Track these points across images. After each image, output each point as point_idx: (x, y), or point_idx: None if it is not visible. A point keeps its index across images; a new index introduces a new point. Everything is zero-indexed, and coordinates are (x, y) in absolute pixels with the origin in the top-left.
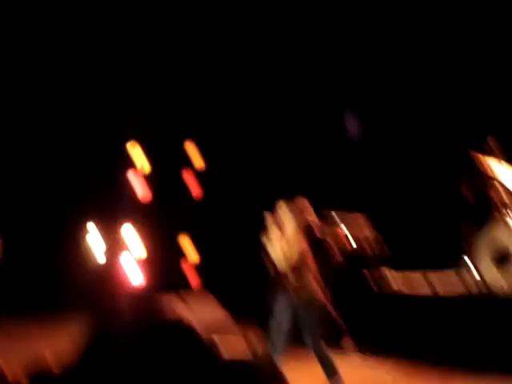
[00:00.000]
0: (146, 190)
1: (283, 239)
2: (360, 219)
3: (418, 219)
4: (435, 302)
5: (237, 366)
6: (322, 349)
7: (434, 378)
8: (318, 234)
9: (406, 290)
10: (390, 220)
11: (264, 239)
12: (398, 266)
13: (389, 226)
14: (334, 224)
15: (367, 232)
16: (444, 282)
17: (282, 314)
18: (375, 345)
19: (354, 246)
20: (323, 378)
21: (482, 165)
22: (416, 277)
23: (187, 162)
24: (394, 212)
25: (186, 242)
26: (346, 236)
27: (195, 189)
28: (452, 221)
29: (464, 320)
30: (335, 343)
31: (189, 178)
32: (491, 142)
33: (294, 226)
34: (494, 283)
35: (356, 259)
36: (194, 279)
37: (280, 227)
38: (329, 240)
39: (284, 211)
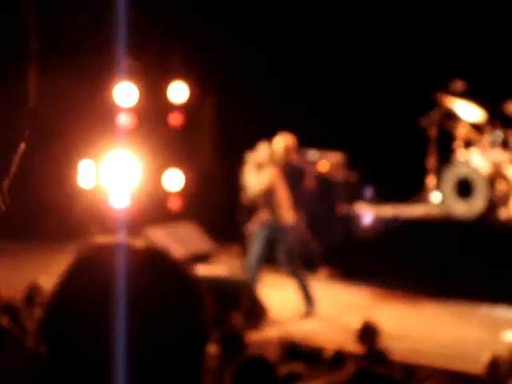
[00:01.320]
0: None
1: (258, 169)
2: (338, 157)
3: (389, 156)
4: (403, 225)
5: (216, 292)
6: (300, 274)
7: (405, 301)
8: (294, 165)
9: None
10: (365, 158)
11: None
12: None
13: (363, 163)
14: (313, 159)
15: (344, 170)
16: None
17: (259, 244)
18: (348, 270)
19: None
20: (299, 301)
21: (447, 104)
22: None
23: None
24: (368, 150)
25: (171, 173)
26: (322, 172)
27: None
28: (419, 156)
29: (430, 243)
30: (310, 268)
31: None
32: (457, 83)
33: (269, 158)
34: (455, 210)
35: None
36: (178, 209)
37: (257, 161)
38: (306, 171)
39: (261, 150)
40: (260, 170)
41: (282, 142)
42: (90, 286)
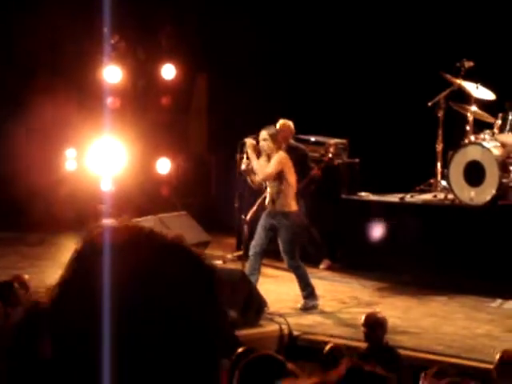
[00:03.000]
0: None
1: (257, 154)
2: (339, 145)
3: (393, 142)
4: (409, 212)
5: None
6: (301, 268)
7: (411, 295)
8: (295, 150)
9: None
10: (369, 146)
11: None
12: (374, 190)
13: (368, 151)
14: (313, 146)
15: (344, 157)
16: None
17: (262, 233)
18: (351, 262)
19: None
20: (299, 295)
21: (456, 83)
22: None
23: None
24: (369, 137)
25: (164, 162)
26: (324, 159)
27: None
28: (425, 141)
29: (438, 231)
30: (311, 260)
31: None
32: (466, 63)
33: (272, 148)
34: (463, 196)
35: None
36: (172, 200)
37: (250, 147)
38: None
39: (264, 137)
40: (260, 155)
41: (280, 126)
42: (98, 272)
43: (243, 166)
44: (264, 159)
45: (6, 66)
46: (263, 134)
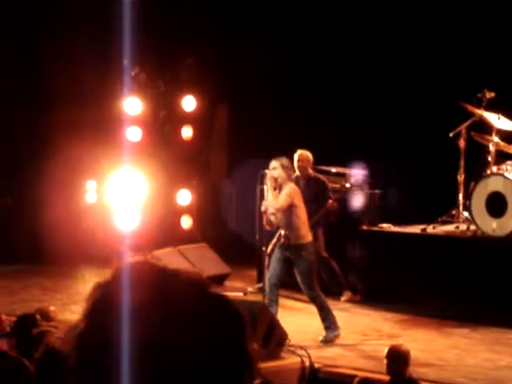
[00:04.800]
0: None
1: (274, 185)
2: (360, 176)
3: (414, 173)
4: (430, 243)
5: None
6: (320, 298)
7: (432, 327)
8: (315, 181)
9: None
10: (388, 176)
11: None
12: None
13: (387, 181)
14: (334, 178)
15: (365, 188)
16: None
17: (277, 265)
18: (371, 293)
19: (353, 200)
20: (321, 327)
21: (478, 114)
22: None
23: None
24: (391, 168)
25: (184, 194)
26: (343, 189)
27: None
28: (447, 172)
29: (459, 263)
30: (332, 291)
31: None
32: (487, 95)
33: (283, 178)
34: (485, 227)
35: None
36: (192, 232)
37: (273, 180)
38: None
39: (274, 166)
40: (276, 187)
41: (299, 156)
42: (116, 323)
43: (263, 208)
44: (273, 190)
45: (25, 100)
46: (273, 163)
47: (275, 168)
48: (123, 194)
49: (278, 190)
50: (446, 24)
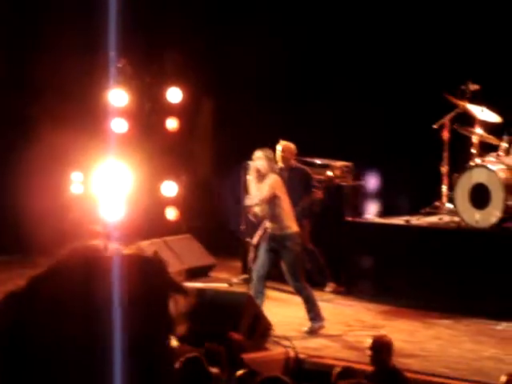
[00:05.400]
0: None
1: (258, 177)
2: (344, 167)
3: (398, 164)
4: (414, 235)
5: (217, 306)
6: (306, 290)
7: (416, 318)
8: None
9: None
10: (372, 168)
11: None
12: (379, 213)
13: (371, 172)
14: (318, 169)
15: (349, 179)
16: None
17: (264, 256)
18: (356, 284)
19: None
20: (305, 318)
21: (462, 106)
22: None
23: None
24: (375, 159)
25: (170, 185)
26: (327, 180)
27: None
28: (431, 163)
29: (443, 254)
30: (316, 283)
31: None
32: (471, 85)
33: (266, 169)
34: (469, 218)
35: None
36: (175, 221)
37: (256, 171)
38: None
39: (258, 157)
40: (260, 178)
41: (282, 147)
42: (63, 289)
43: (247, 202)
44: (257, 180)
45: (10, 90)
46: (257, 153)
47: (259, 158)
48: (109, 185)
49: (262, 180)
50: (429, 15)
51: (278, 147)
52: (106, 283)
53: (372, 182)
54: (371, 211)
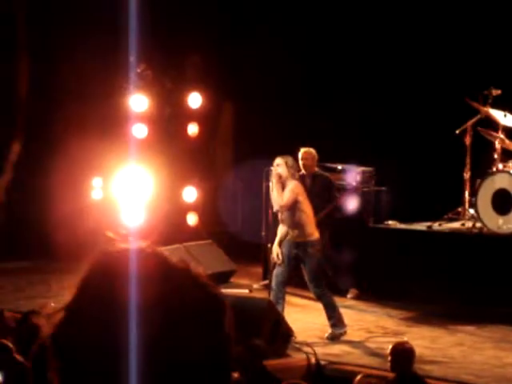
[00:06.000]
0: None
1: (279, 183)
2: (366, 173)
3: (421, 170)
4: (436, 241)
5: (238, 312)
6: (327, 296)
7: (438, 324)
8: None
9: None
10: (394, 173)
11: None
12: (402, 219)
13: (393, 179)
14: (340, 175)
15: (371, 185)
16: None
17: (283, 259)
18: (378, 290)
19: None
20: (326, 324)
21: (484, 111)
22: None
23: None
24: (397, 165)
25: (190, 190)
26: (349, 187)
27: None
28: (453, 169)
29: (466, 260)
30: (338, 289)
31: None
32: (493, 92)
33: (286, 176)
34: (491, 224)
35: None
36: (198, 229)
37: (278, 177)
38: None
39: (278, 163)
40: (281, 184)
41: (303, 154)
42: (104, 296)
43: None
44: (278, 187)
45: (33, 96)
46: (277, 160)
47: (279, 165)
48: (129, 190)
49: (282, 188)
50: (452, 21)
51: (299, 154)
52: (126, 287)
53: (394, 187)
54: (393, 217)
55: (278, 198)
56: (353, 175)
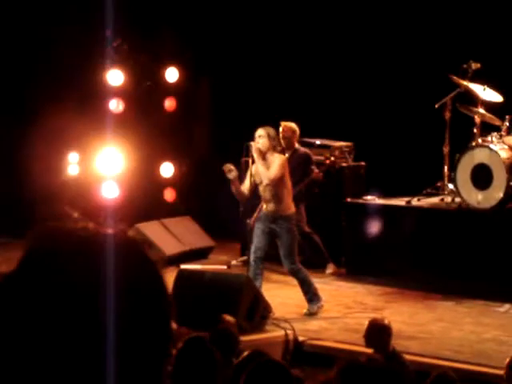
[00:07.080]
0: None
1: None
2: (345, 148)
3: (399, 145)
4: (415, 216)
5: (219, 290)
6: (302, 271)
7: (417, 300)
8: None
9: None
10: (373, 148)
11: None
12: (380, 194)
13: (372, 154)
14: (318, 150)
15: (349, 160)
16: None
17: (261, 237)
18: (355, 266)
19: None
20: (304, 299)
21: (463, 85)
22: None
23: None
24: (376, 140)
25: (168, 166)
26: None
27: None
28: (432, 144)
29: (444, 235)
30: (315, 265)
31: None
32: (473, 66)
33: (267, 147)
34: (471, 199)
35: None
36: (172, 202)
37: (258, 151)
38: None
39: (260, 134)
40: (261, 158)
41: (283, 128)
42: (44, 272)
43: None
44: (261, 161)
45: (6, 72)
46: (259, 131)
47: (260, 136)
48: (106, 166)
49: (264, 161)
50: None
51: (280, 129)
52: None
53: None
54: (371, 192)
55: (266, 172)
56: (331, 150)
